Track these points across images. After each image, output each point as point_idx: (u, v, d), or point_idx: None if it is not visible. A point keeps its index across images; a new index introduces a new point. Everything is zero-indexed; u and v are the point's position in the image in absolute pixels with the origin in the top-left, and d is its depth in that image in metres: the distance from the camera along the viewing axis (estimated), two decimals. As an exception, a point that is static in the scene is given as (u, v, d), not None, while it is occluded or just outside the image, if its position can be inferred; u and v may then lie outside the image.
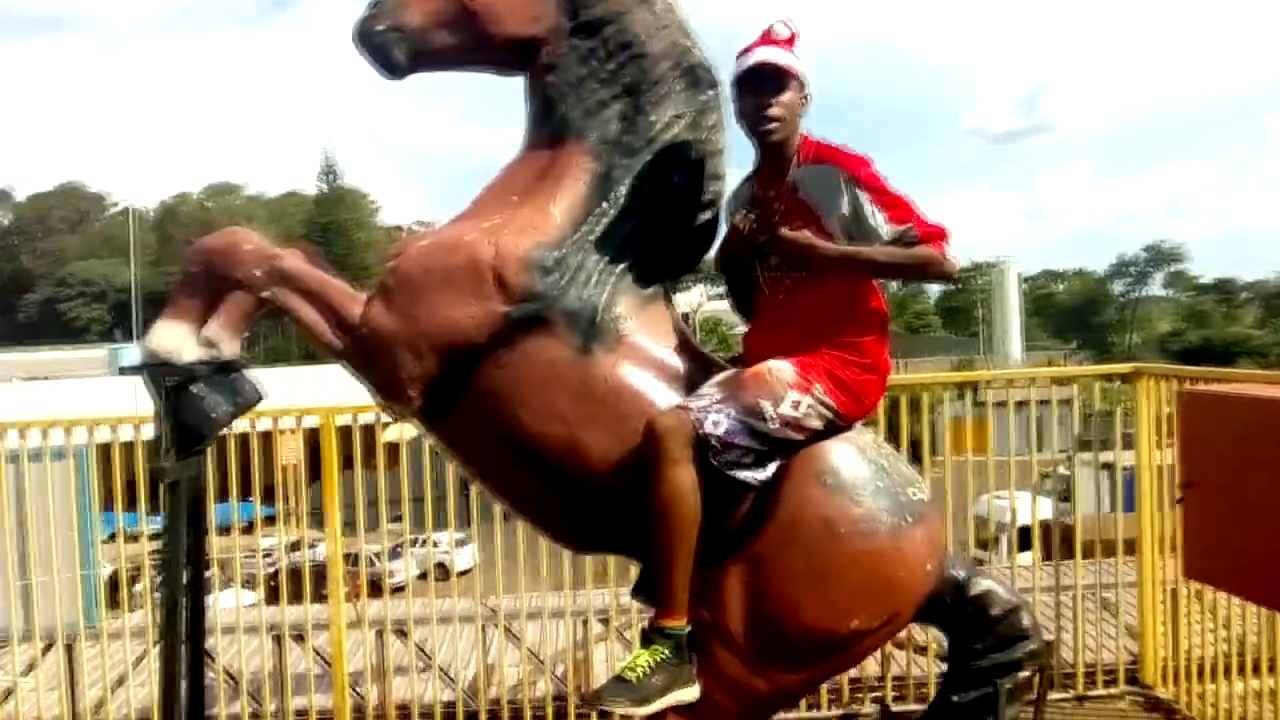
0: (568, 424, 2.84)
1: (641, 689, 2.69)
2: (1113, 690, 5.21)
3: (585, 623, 6.75)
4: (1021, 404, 5.32)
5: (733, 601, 2.84)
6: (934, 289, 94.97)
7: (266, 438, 5.11)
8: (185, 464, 2.96)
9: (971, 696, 3.01)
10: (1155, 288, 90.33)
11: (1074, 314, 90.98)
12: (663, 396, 2.88)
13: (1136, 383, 5.13)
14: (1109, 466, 5.94)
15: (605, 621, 6.69)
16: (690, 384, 2.93)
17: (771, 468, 2.84)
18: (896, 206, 2.81)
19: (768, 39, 2.90)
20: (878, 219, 2.79)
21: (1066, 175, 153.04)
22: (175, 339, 2.88)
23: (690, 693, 2.76)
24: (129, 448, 5.13)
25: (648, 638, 2.77)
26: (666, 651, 2.73)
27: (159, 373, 2.88)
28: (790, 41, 2.92)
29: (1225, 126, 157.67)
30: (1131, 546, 5.35)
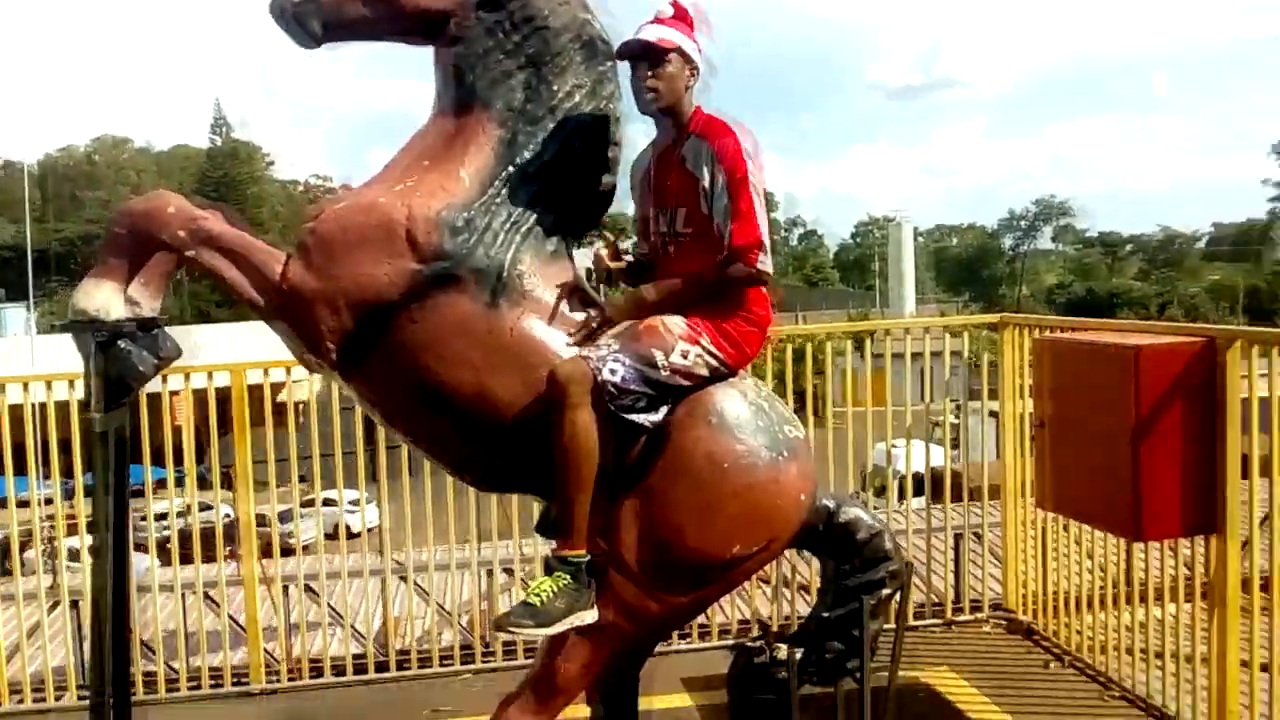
0: (477, 372, 3.09)
1: (545, 612, 2.97)
2: (979, 615, 5.67)
3: (490, 574, 7.01)
4: (915, 356, 5.68)
5: (627, 531, 3.14)
6: (832, 242, 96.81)
7: (153, 399, 5.18)
8: (113, 416, 3.15)
9: (840, 612, 3.37)
10: (1044, 242, 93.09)
11: (966, 267, 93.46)
12: (564, 346, 3.14)
13: (1002, 332, 5.55)
14: (995, 415, 6.37)
15: (509, 572, 6.98)
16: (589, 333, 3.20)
17: (663, 411, 3.13)
18: (739, 196, 3.06)
19: (656, 19, 3.16)
20: (721, 202, 3.08)
21: (962, 132, 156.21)
22: (103, 297, 3.05)
23: (589, 615, 3.05)
24: (16, 410, 5.11)
25: (550, 566, 3.05)
26: (568, 578, 3.01)
27: (88, 329, 3.05)
28: (677, 18, 3.18)
29: (1112, 86, 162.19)
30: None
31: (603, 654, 3.18)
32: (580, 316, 3.22)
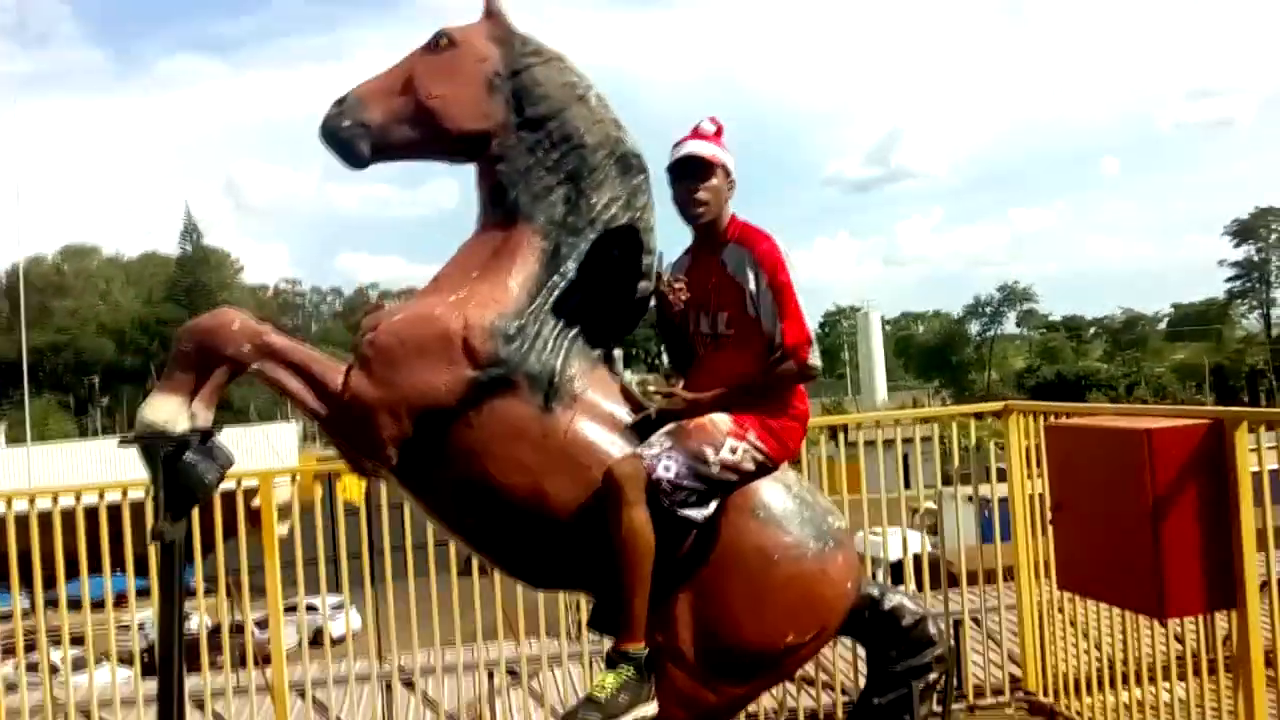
0: (532, 474, 3.20)
1: (609, 707, 3.04)
2: (1001, 699, 5.73)
3: (491, 676, 6.98)
4: (889, 442, 5.82)
5: (682, 625, 3.23)
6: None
7: (136, 509, 5.22)
8: (178, 526, 3.23)
9: (889, 698, 3.45)
10: (1009, 326, 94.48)
11: (934, 353, 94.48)
12: (615, 446, 3.26)
13: (1007, 419, 5.71)
14: (973, 499, 6.49)
15: (513, 673, 6.97)
16: (636, 434, 3.33)
17: (713, 505, 3.24)
18: (784, 298, 3.24)
19: (696, 134, 3.36)
20: (767, 304, 3.25)
21: (921, 222, 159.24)
22: (170, 411, 3.14)
23: (651, 708, 3.12)
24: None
25: (612, 661, 3.13)
26: (630, 672, 3.09)
27: (155, 443, 3.14)
28: (717, 135, 3.38)
29: (1064, 172, 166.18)
30: (996, 575, 5.96)
31: None
32: (629, 418, 3.35)
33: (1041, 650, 5.63)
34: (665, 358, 3.60)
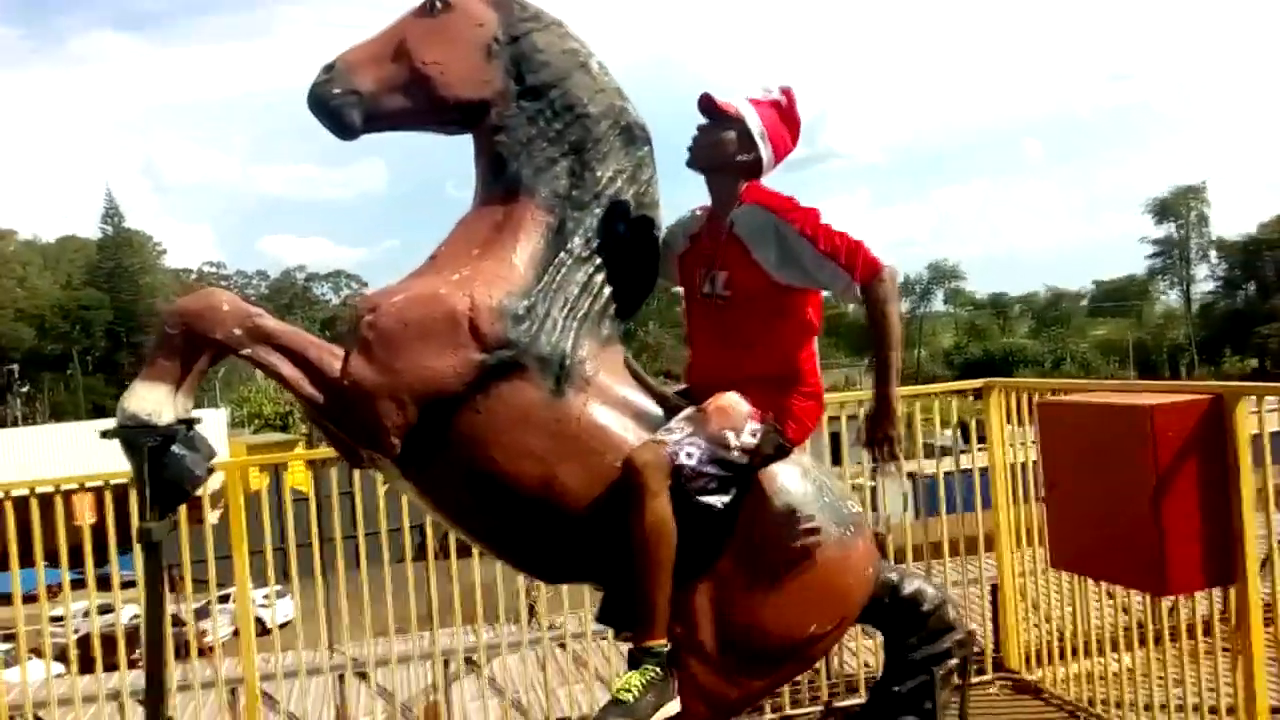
0: (544, 462, 3.04)
1: (637, 708, 2.89)
2: (983, 677, 5.67)
3: (447, 664, 6.82)
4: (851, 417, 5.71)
5: (702, 617, 3.10)
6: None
7: (66, 499, 4.97)
8: (164, 523, 3.01)
9: (909, 686, 3.35)
10: (936, 305, 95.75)
11: (866, 332, 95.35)
12: (630, 432, 3.11)
13: (988, 395, 5.66)
14: (912, 476, 6.41)
15: (470, 662, 6.83)
16: (649, 417, 3.18)
17: (733, 491, 3.11)
18: (823, 237, 3.10)
19: (755, 98, 3.25)
20: (803, 247, 3.11)
21: (848, 202, 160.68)
22: (155, 401, 2.91)
23: (675, 705, 2.99)
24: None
25: (635, 659, 2.99)
26: (654, 669, 2.94)
27: (140, 434, 2.91)
28: (767, 103, 3.25)
29: (986, 154, 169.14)
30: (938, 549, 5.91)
31: None
32: (642, 401, 3.20)
33: (1008, 625, 5.61)
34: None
